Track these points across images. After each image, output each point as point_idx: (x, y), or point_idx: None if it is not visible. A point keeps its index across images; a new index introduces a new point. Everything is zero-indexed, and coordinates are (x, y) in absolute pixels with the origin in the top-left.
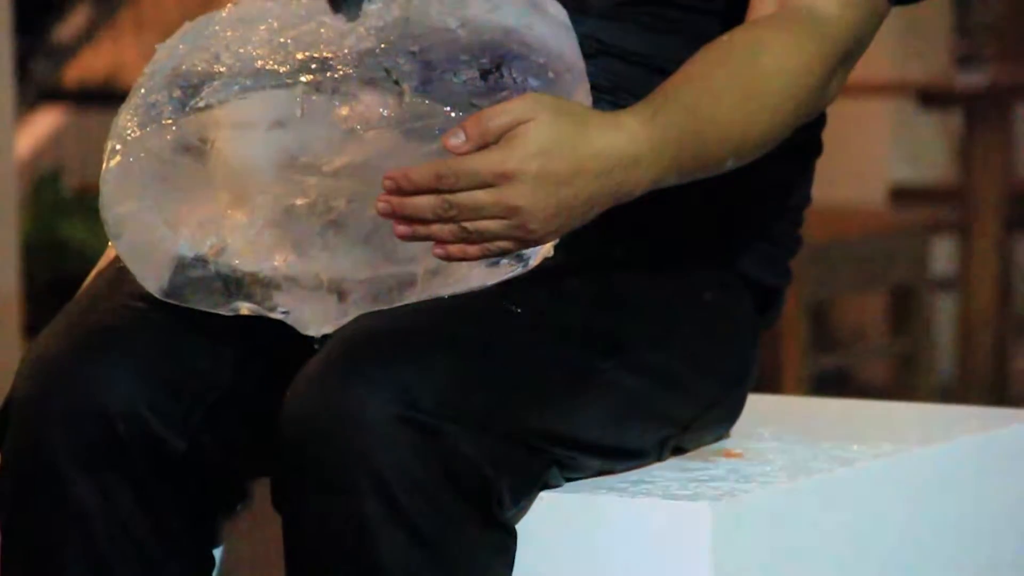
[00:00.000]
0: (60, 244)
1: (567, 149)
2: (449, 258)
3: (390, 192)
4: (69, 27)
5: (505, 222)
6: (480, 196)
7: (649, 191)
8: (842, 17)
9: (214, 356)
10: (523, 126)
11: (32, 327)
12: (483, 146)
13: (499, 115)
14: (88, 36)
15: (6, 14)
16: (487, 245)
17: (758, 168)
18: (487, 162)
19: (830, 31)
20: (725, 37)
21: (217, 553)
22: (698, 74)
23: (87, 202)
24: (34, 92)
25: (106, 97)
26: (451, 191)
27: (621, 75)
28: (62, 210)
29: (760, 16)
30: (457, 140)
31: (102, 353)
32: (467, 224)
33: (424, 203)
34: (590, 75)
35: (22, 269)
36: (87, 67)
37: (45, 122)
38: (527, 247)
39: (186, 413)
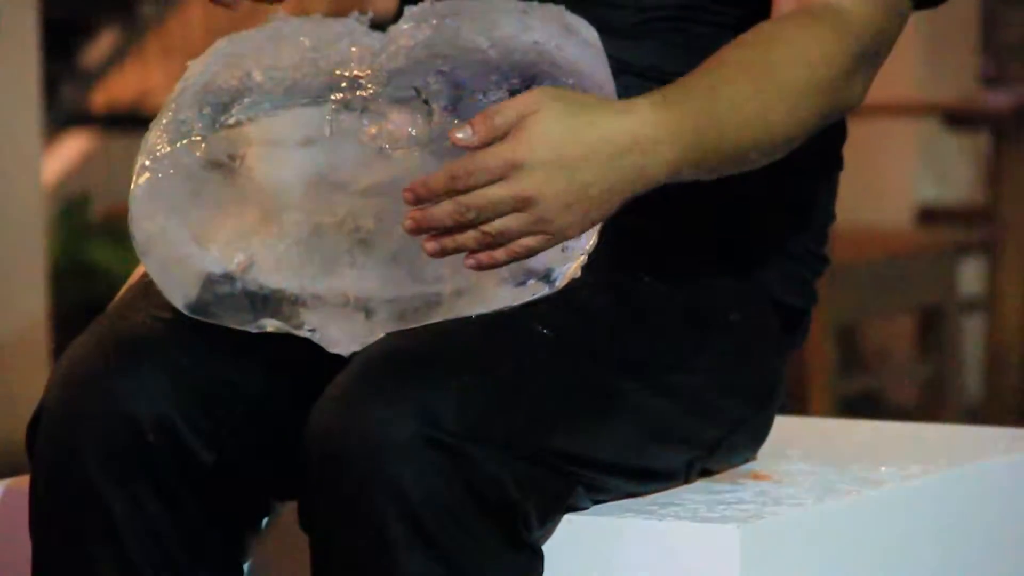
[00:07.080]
0: (87, 268)
1: (576, 134)
2: (479, 266)
3: (410, 203)
4: (96, 51)
5: (522, 216)
6: (493, 191)
7: (674, 183)
8: (862, 13)
9: (243, 368)
10: (530, 117)
11: (60, 351)
12: (492, 141)
13: (506, 108)
14: (115, 61)
15: (34, 38)
16: (512, 247)
17: (779, 184)
18: (496, 154)
19: (850, 26)
20: (743, 34)
21: (245, 567)
22: (715, 64)
23: (114, 226)
24: (61, 116)
25: (133, 121)
26: (466, 190)
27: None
28: (89, 234)
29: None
30: (465, 135)
31: (133, 363)
32: (486, 227)
33: (441, 211)
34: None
35: (49, 293)
36: (114, 91)
37: (72, 146)
38: (553, 244)
39: (216, 424)
